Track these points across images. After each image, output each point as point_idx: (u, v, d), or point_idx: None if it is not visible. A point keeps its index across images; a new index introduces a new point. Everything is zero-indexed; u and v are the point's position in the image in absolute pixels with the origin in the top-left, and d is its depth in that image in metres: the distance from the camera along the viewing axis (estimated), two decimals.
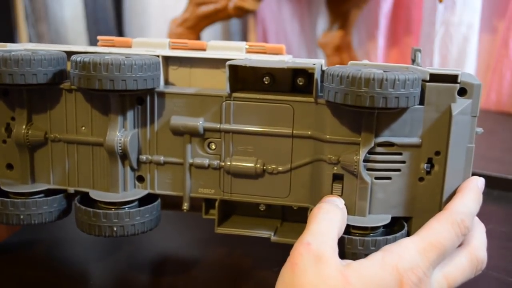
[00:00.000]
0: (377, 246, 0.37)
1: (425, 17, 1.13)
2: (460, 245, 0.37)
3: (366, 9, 1.32)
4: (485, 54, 1.17)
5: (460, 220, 0.36)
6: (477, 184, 0.39)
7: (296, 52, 1.46)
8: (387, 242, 0.37)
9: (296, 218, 0.44)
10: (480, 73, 1.17)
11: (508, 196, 0.68)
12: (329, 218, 0.36)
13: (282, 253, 0.36)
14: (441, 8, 1.10)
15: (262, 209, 0.45)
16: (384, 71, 0.36)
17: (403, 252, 0.34)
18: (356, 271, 0.33)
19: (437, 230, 0.36)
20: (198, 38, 1.32)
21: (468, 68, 1.14)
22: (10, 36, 1.42)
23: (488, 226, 0.41)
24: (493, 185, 0.67)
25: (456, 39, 1.12)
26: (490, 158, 0.79)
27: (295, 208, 0.43)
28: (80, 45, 1.55)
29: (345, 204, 0.39)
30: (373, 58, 1.33)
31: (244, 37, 1.54)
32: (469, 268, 0.37)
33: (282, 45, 0.45)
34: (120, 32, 1.64)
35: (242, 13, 1.27)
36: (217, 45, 0.45)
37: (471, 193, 0.38)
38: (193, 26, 1.30)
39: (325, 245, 0.34)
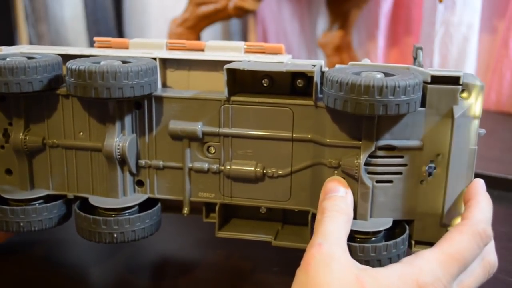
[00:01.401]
0: (377, 252, 0.37)
1: (425, 17, 1.13)
2: None
3: (366, 9, 1.32)
4: (485, 54, 1.17)
5: (482, 230, 0.35)
6: (484, 187, 0.39)
7: (296, 52, 1.46)
8: (387, 248, 0.37)
9: (297, 220, 0.44)
10: (480, 73, 1.17)
11: (508, 196, 0.68)
12: (336, 218, 0.36)
13: (281, 254, 0.36)
14: (441, 8, 1.10)
15: (262, 212, 0.44)
16: (385, 75, 0.36)
17: (424, 265, 0.34)
18: (372, 277, 0.33)
19: (459, 242, 0.35)
20: (198, 38, 1.32)
21: (468, 68, 1.14)
22: (10, 36, 1.42)
23: None
24: (493, 185, 0.67)
25: (456, 39, 1.12)
26: (490, 158, 0.79)
27: (296, 210, 0.43)
28: (80, 45, 1.55)
29: None
30: (373, 58, 1.33)
31: (244, 37, 1.54)
32: (482, 273, 0.37)
33: (281, 45, 0.45)
34: (120, 32, 1.64)
35: (242, 13, 1.27)
36: (215, 46, 0.45)
37: (484, 198, 0.38)
38: (193, 26, 1.30)
39: (335, 246, 0.34)
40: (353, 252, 0.37)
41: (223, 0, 1.25)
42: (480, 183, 0.39)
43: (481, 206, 0.37)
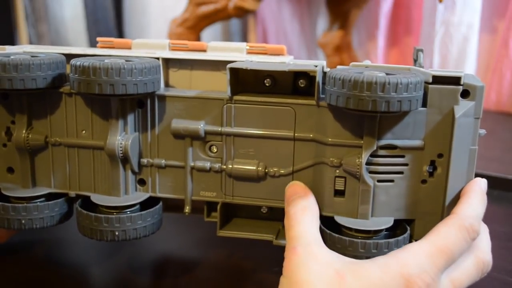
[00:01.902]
0: (379, 249, 0.37)
1: (425, 17, 1.13)
2: None
3: (366, 9, 1.32)
4: (485, 54, 1.17)
5: (469, 224, 0.36)
6: (481, 185, 0.39)
7: (296, 52, 1.46)
8: (389, 245, 0.37)
9: None
10: (480, 73, 1.17)
11: (508, 196, 0.68)
12: (301, 217, 0.37)
13: (283, 254, 0.36)
14: (441, 8, 1.10)
15: (264, 211, 0.45)
16: (387, 74, 0.36)
17: (409, 257, 0.34)
18: (353, 270, 0.33)
19: (445, 235, 0.35)
20: (198, 38, 1.32)
21: (468, 68, 1.14)
22: (10, 36, 1.42)
23: (488, 226, 0.41)
24: (493, 185, 0.67)
25: (456, 39, 1.12)
26: (490, 158, 0.80)
27: None
28: (80, 45, 1.55)
29: (347, 207, 0.39)
30: (373, 58, 1.33)
31: (244, 37, 1.54)
32: (475, 271, 0.37)
33: (283, 46, 0.45)
34: (120, 32, 1.64)
35: (242, 13, 1.27)
36: (217, 46, 0.45)
37: (477, 195, 0.38)
38: (193, 26, 1.30)
39: (309, 245, 0.35)
40: (354, 248, 0.37)
41: (223, 0, 1.25)
42: (477, 182, 0.39)
43: (471, 202, 0.37)
